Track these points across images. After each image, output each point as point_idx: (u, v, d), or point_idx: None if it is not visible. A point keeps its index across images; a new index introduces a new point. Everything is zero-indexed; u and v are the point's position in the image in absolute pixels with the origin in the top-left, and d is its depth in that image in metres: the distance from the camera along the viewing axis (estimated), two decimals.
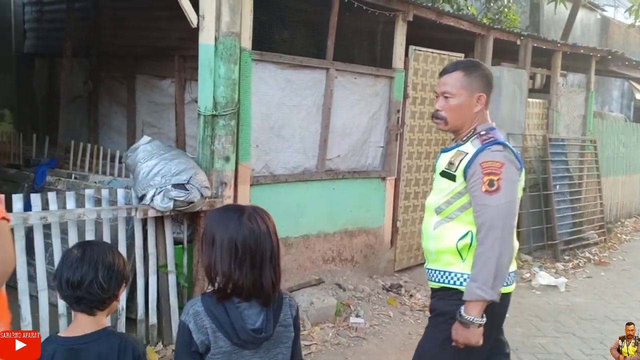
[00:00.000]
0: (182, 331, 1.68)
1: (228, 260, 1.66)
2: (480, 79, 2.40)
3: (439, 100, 2.43)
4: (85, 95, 6.20)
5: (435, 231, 2.38)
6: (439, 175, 2.42)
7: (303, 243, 4.94)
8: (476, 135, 2.35)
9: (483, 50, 6.49)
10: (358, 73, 5.21)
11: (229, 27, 4.02)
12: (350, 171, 5.29)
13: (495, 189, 2.20)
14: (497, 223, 2.18)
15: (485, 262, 2.17)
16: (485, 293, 2.15)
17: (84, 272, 1.71)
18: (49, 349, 1.72)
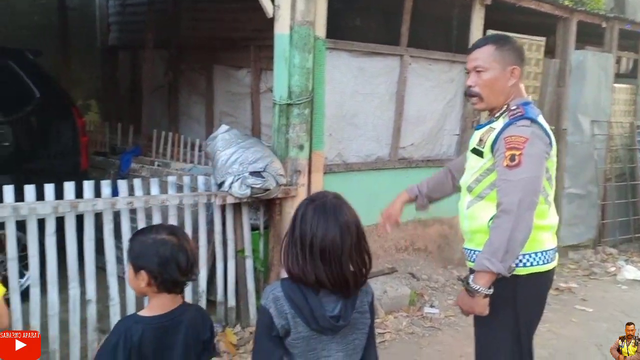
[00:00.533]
0: (263, 315, 1.69)
1: (304, 255, 1.66)
2: (513, 52, 2.33)
3: (470, 76, 2.34)
4: (166, 86, 6.43)
5: (469, 210, 2.36)
6: (470, 152, 2.38)
7: (375, 232, 4.92)
8: (507, 110, 2.29)
9: (566, 34, 6.20)
10: (433, 59, 5.12)
11: (303, 16, 4.05)
12: (424, 160, 5.22)
13: (516, 163, 2.14)
14: (515, 197, 2.12)
15: (498, 235, 2.11)
16: (493, 265, 2.09)
17: (189, 258, 1.83)
18: (136, 328, 1.75)
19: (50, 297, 3.31)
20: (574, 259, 6.19)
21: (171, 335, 1.80)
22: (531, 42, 5.80)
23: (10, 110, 4.38)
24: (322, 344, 1.69)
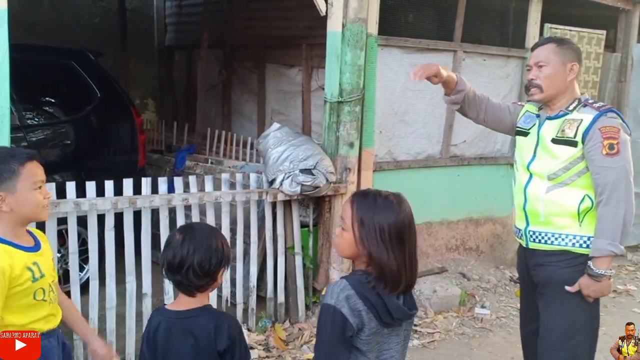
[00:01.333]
0: (335, 317, 1.64)
1: (385, 247, 1.65)
2: (572, 51, 2.55)
3: (532, 70, 2.55)
4: (220, 85, 6.55)
5: (548, 195, 2.48)
6: (551, 142, 2.50)
7: (426, 230, 4.88)
8: (582, 104, 2.49)
9: (627, 27, 5.93)
10: (487, 54, 5.01)
11: (356, 13, 4.05)
12: (476, 157, 5.13)
13: (615, 152, 2.35)
14: (620, 183, 2.35)
15: (613, 220, 2.33)
16: (616, 248, 2.33)
17: (181, 258, 1.77)
18: (155, 319, 1.86)
19: (108, 290, 3.45)
20: (633, 260, 5.95)
21: (179, 334, 1.80)
22: (591, 36, 5.58)
23: (72, 110, 4.58)
24: (384, 337, 1.71)
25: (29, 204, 1.94)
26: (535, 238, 2.55)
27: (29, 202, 1.94)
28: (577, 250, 2.45)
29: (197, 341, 1.78)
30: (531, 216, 2.55)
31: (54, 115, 4.58)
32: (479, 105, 2.80)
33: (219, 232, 1.95)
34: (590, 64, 5.64)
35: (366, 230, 1.67)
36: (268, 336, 3.83)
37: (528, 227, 2.57)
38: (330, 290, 1.69)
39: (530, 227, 2.56)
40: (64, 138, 4.53)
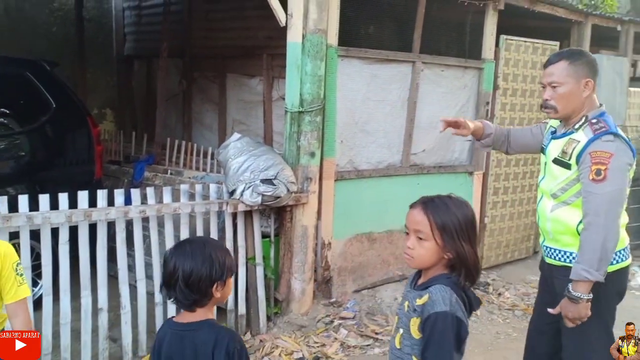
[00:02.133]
0: (452, 323, 1.66)
1: (466, 243, 1.76)
2: (586, 65, 2.48)
3: (546, 90, 2.51)
4: (180, 94, 6.50)
5: (553, 214, 2.55)
6: (552, 162, 2.54)
7: (387, 238, 4.92)
8: (587, 123, 2.45)
9: (580, 38, 6.15)
10: (445, 65, 5.11)
11: (316, 24, 4.08)
12: (435, 166, 5.21)
13: (601, 178, 2.33)
14: (601, 209, 2.33)
15: (591, 246, 2.33)
16: (590, 275, 2.32)
17: (169, 273, 1.77)
18: (162, 330, 1.90)
19: (63, 305, 3.36)
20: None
21: (180, 347, 1.81)
22: (545, 47, 5.76)
23: (27, 121, 4.47)
24: None
25: None
26: (549, 254, 2.65)
27: None
28: None
29: (196, 355, 1.78)
30: (544, 233, 2.66)
31: (8, 126, 4.45)
32: (505, 141, 2.89)
33: (216, 244, 1.90)
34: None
35: (448, 233, 1.74)
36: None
37: (544, 242, 2.68)
38: (437, 297, 1.70)
39: (545, 242, 2.68)
40: (18, 149, 4.41)
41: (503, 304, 4.85)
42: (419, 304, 1.73)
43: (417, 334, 1.74)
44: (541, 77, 2.60)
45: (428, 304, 1.70)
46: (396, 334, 1.84)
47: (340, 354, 3.84)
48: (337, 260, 4.58)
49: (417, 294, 1.77)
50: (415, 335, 1.74)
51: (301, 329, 4.08)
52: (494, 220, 5.68)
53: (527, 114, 5.76)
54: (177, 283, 1.75)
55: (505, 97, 5.53)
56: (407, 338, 1.78)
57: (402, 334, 1.80)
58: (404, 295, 1.92)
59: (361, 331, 4.12)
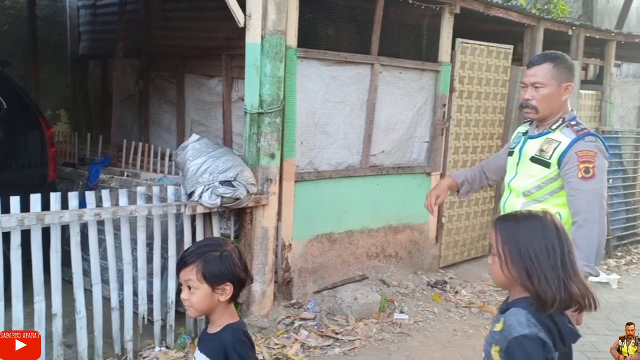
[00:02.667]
0: (536, 345, 1.53)
1: (551, 268, 1.59)
2: (567, 69, 2.57)
3: (527, 90, 2.58)
4: (137, 95, 6.39)
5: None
6: (529, 160, 2.60)
7: (347, 239, 4.96)
8: (565, 124, 2.54)
9: (533, 42, 6.33)
10: (403, 67, 5.18)
11: (275, 25, 4.08)
12: (394, 167, 5.28)
13: (590, 175, 2.43)
14: (594, 206, 2.42)
15: (588, 242, 2.39)
16: (591, 269, 2.38)
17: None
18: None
19: (15, 311, 3.26)
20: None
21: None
22: (499, 50, 5.91)
23: None
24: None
25: None
26: None
27: None
28: None
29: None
30: None
31: None
32: (482, 176, 3.01)
33: (223, 244, 1.86)
34: (499, 77, 5.97)
35: (515, 252, 1.61)
36: (187, 352, 3.75)
37: None
38: (512, 322, 1.59)
39: None
40: None
41: (460, 302, 4.95)
42: (497, 331, 1.66)
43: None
44: (522, 77, 2.67)
45: (505, 331, 1.61)
46: (482, 357, 1.78)
47: (301, 354, 3.85)
48: (297, 261, 4.59)
49: (496, 319, 1.71)
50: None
51: (262, 330, 4.07)
52: (451, 219, 5.80)
53: (482, 116, 5.90)
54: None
55: (462, 99, 5.65)
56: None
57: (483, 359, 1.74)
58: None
59: (321, 331, 4.14)
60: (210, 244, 1.86)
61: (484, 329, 4.45)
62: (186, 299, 1.80)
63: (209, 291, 1.77)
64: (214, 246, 1.83)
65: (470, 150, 5.87)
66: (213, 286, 1.77)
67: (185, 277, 1.79)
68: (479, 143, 5.95)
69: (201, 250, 1.81)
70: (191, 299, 1.79)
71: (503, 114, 6.10)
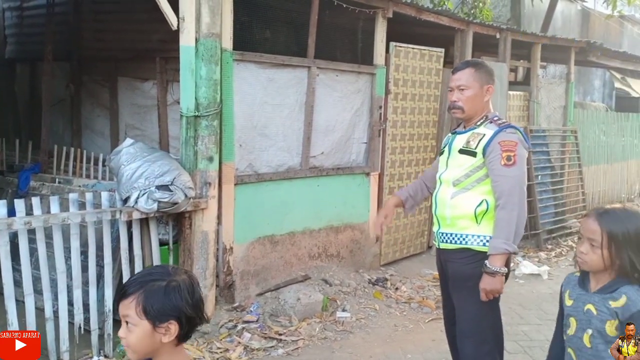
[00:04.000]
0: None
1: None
2: (486, 73, 2.88)
3: (454, 93, 2.86)
4: (68, 99, 6.18)
5: (452, 200, 2.82)
6: (458, 152, 2.84)
7: (289, 240, 4.99)
8: (489, 120, 2.82)
9: (463, 45, 6.56)
10: (339, 70, 5.26)
11: (209, 28, 4.05)
12: (334, 168, 5.35)
13: (512, 163, 2.68)
14: (514, 190, 2.67)
15: (508, 223, 2.64)
16: (509, 246, 2.64)
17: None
18: None
19: None
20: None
21: None
22: (431, 53, 6.10)
23: None
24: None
25: None
26: (445, 239, 2.89)
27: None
28: (477, 247, 2.77)
29: None
30: (441, 220, 2.90)
31: None
32: (423, 188, 3.23)
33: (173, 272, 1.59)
34: (432, 79, 6.15)
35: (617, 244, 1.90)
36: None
37: (440, 229, 2.92)
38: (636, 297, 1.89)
39: (440, 229, 2.91)
40: None
41: (400, 298, 5.07)
42: (616, 307, 1.92)
43: (615, 333, 1.93)
44: (449, 82, 2.93)
45: (630, 305, 1.89)
46: (582, 334, 2.02)
47: (244, 357, 3.84)
48: (239, 264, 4.57)
49: (609, 297, 1.94)
50: (613, 333, 1.93)
51: (204, 335, 4.03)
52: None
53: (417, 117, 6.07)
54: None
55: (397, 101, 5.79)
56: (599, 337, 1.96)
57: (592, 335, 1.98)
58: (574, 298, 2.07)
59: (265, 333, 4.14)
60: (156, 272, 1.58)
61: (423, 323, 4.57)
62: (123, 337, 1.52)
63: (149, 329, 1.50)
64: (161, 275, 1.55)
65: (406, 150, 6.02)
66: (155, 323, 1.50)
67: (124, 312, 1.52)
68: (414, 143, 6.11)
69: (144, 279, 1.54)
70: (129, 338, 1.51)
71: (437, 115, 6.29)
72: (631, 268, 1.91)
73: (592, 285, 2.04)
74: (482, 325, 2.84)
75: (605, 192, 9.94)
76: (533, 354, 4.10)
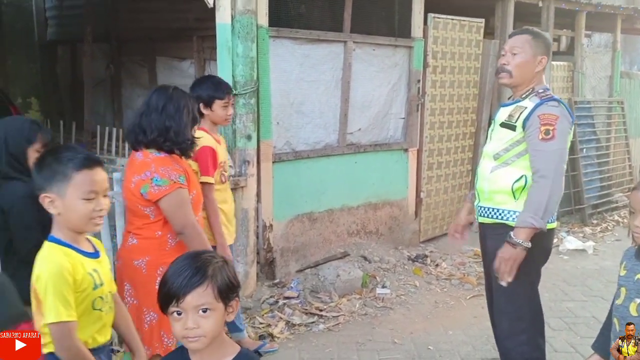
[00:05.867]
0: None
1: None
2: (544, 44, 2.79)
3: (505, 56, 2.77)
4: (108, 80, 6.30)
5: (492, 174, 2.78)
6: (499, 126, 2.79)
7: (327, 217, 4.99)
8: (534, 93, 2.72)
9: (504, 14, 6.35)
10: (376, 44, 5.18)
11: (244, 4, 4.03)
12: (371, 144, 5.30)
13: (550, 137, 2.58)
14: (550, 166, 2.58)
15: (539, 197, 2.57)
16: (536, 221, 2.56)
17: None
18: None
19: None
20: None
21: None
22: (471, 24, 5.93)
23: None
24: None
25: (74, 213, 1.80)
26: (483, 212, 2.86)
27: (75, 211, 1.80)
28: (513, 223, 2.69)
29: None
30: (480, 193, 2.87)
31: None
32: None
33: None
34: (471, 51, 6.00)
35: None
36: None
37: (479, 203, 2.89)
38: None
39: (480, 203, 2.88)
40: None
41: (441, 274, 5.03)
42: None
43: None
44: (504, 45, 2.86)
45: None
46: (629, 303, 2.00)
47: (286, 332, 3.89)
48: (279, 241, 4.61)
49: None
50: None
51: (246, 311, 4.09)
52: (429, 194, 5.86)
53: (456, 90, 5.94)
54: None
55: (435, 74, 5.67)
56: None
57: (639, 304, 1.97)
58: (628, 268, 2.06)
59: (305, 309, 4.18)
60: (201, 256, 1.53)
61: (464, 300, 4.54)
62: (194, 327, 1.44)
63: (223, 311, 1.48)
64: (206, 257, 1.52)
65: (445, 125, 5.91)
66: (226, 303, 1.48)
67: (198, 301, 1.44)
68: (454, 118, 5.99)
69: (201, 263, 1.49)
70: (205, 327, 1.44)
71: (477, 88, 6.14)
72: None
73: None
74: (519, 302, 2.79)
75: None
76: (578, 330, 4.03)
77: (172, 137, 2.55)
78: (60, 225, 1.83)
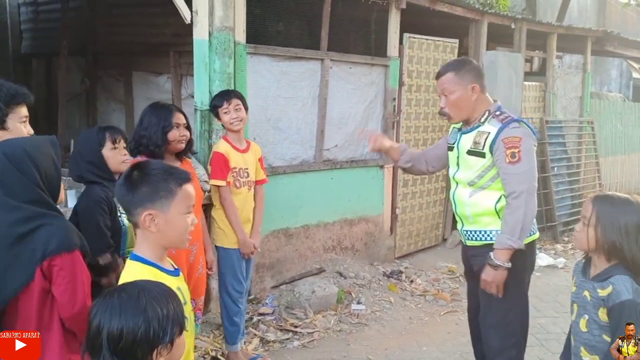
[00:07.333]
0: (637, 309, 1.91)
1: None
2: (469, 72, 2.81)
3: (442, 99, 2.85)
4: (83, 94, 6.25)
5: (471, 199, 2.83)
6: (466, 154, 2.83)
7: (303, 233, 4.99)
8: (492, 115, 2.77)
9: (477, 35, 6.50)
10: (353, 62, 5.24)
11: (222, 21, 4.06)
12: (348, 160, 5.34)
13: (517, 160, 2.65)
14: (521, 187, 2.64)
15: (513, 218, 2.64)
16: (514, 242, 2.63)
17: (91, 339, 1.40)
18: None
19: None
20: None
21: None
22: (446, 44, 6.05)
23: None
24: None
25: (176, 228, 1.77)
26: (470, 236, 2.90)
27: (177, 226, 1.78)
28: None
29: None
30: (463, 218, 2.91)
31: None
32: (423, 161, 3.18)
33: (155, 291, 1.41)
34: None
35: (603, 227, 1.98)
36: None
37: (463, 227, 2.93)
38: (621, 287, 1.94)
39: (465, 227, 2.92)
40: None
41: (415, 291, 5.06)
42: (603, 295, 1.98)
43: (606, 320, 2.00)
44: (431, 73, 2.86)
45: (613, 295, 1.95)
46: (579, 319, 2.10)
47: (260, 349, 3.87)
48: (254, 257, 4.58)
49: (599, 285, 2.01)
50: (605, 320, 2.01)
51: (220, 328, 4.06)
52: (404, 210, 5.91)
53: (431, 109, 6.03)
54: (101, 349, 1.32)
55: (411, 92, 5.75)
56: (594, 322, 2.05)
57: (588, 320, 2.06)
58: (577, 285, 2.16)
59: (280, 325, 4.16)
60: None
61: (438, 316, 4.57)
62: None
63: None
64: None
65: (420, 142, 5.99)
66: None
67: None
68: (428, 135, 6.08)
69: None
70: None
71: None
72: (615, 251, 1.96)
73: (591, 271, 2.08)
74: (510, 318, 2.83)
75: (622, 183, 9.83)
76: (549, 346, 4.08)
77: (144, 143, 3.07)
78: (152, 243, 1.78)
